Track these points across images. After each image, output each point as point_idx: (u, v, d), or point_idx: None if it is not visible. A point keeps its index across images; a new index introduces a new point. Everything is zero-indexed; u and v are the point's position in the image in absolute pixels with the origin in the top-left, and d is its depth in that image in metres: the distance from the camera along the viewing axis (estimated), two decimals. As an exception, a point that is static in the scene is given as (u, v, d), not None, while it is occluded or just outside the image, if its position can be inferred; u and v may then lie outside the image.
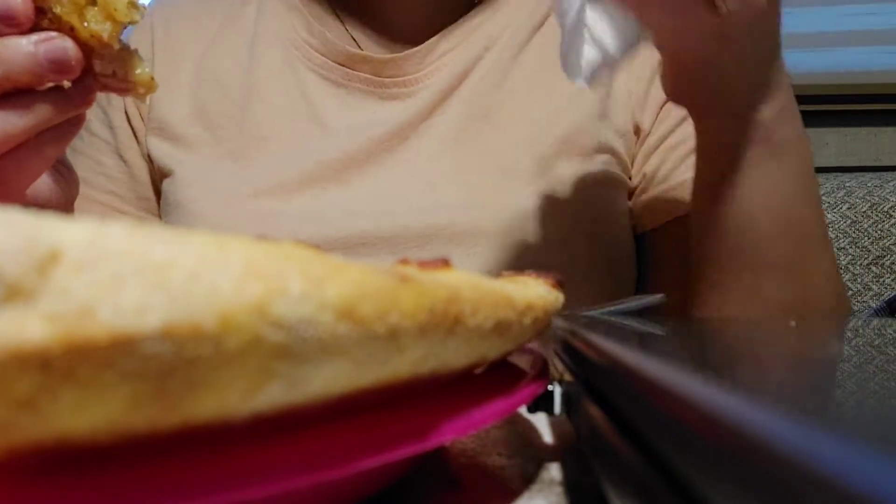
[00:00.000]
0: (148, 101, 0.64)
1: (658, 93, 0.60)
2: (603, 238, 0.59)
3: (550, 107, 0.60)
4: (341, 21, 0.64)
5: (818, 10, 1.38)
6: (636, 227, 0.63)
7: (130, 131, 0.65)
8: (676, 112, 0.60)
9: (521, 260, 0.56)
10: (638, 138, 0.61)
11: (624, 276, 0.62)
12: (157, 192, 0.64)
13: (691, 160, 0.59)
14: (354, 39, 0.63)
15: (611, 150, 0.60)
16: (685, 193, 0.58)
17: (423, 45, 0.61)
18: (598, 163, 0.59)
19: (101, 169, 0.64)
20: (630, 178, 0.62)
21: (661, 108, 0.61)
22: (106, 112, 0.66)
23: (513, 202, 0.57)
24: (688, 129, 0.59)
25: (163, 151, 0.62)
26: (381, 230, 0.56)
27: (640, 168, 0.62)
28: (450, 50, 0.62)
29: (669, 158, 0.60)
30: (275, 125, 0.61)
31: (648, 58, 0.61)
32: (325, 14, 0.64)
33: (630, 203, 0.63)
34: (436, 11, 0.62)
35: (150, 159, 0.63)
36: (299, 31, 0.63)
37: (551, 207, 0.57)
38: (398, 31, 0.62)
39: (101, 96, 0.67)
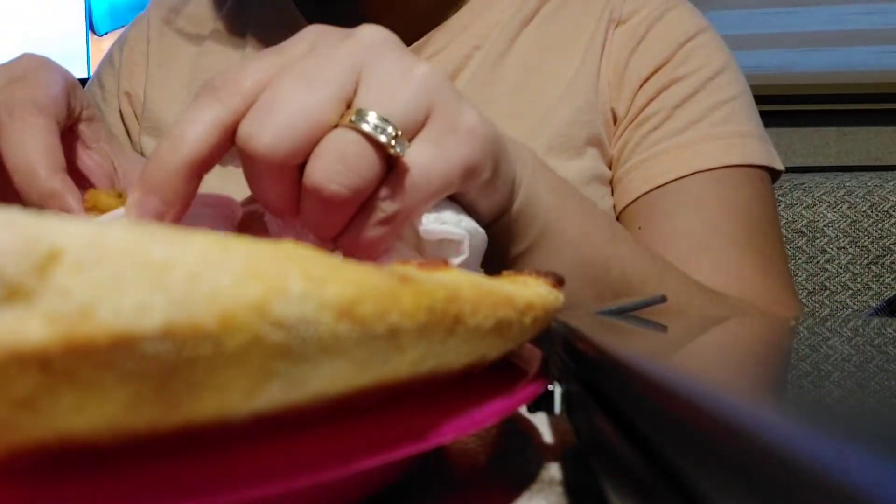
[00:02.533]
0: (143, 98, 0.64)
1: (631, 78, 0.59)
2: None
3: (541, 103, 0.59)
4: (332, 24, 0.63)
5: (818, 10, 1.38)
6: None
7: (124, 129, 0.65)
8: (647, 92, 0.59)
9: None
10: (615, 125, 0.60)
11: None
12: None
13: (655, 136, 0.57)
14: None
15: (599, 142, 0.59)
16: (643, 173, 0.57)
17: (410, 48, 0.60)
18: (588, 158, 0.58)
19: None
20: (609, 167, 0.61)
21: (635, 94, 0.59)
22: (100, 109, 0.66)
23: None
24: (655, 106, 0.58)
25: None
26: None
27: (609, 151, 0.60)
28: (439, 51, 0.61)
29: (633, 137, 0.59)
30: None
31: (623, 42, 0.60)
32: (314, 16, 0.64)
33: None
34: (423, 12, 0.62)
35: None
36: (291, 33, 0.63)
37: None
38: None
39: (95, 93, 0.67)
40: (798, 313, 0.58)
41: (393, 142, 0.28)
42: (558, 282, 0.24)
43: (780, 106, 1.37)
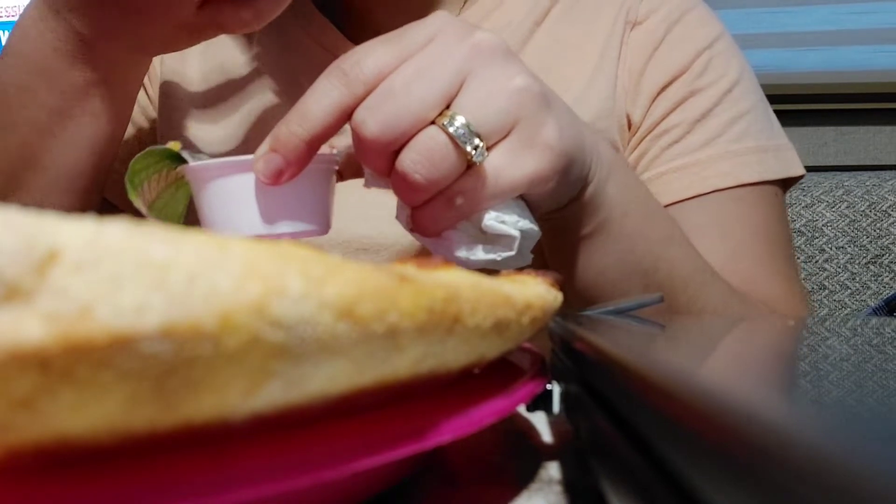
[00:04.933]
0: (159, 75, 0.64)
1: (649, 85, 0.58)
2: None
3: None
4: (339, 23, 0.63)
5: (818, 9, 1.38)
6: None
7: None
8: (666, 102, 0.58)
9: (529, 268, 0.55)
10: (629, 131, 0.59)
11: None
12: None
13: (674, 150, 0.57)
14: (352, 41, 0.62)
15: (614, 150, 0.59)
16: (661, 187, 0.56)
17: None
18: None
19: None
20: None
21: (652, 101, 0.58)
22: None
23: None
24: (675, 119, 0.57)
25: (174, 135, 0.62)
26: (384, 235, 0.55)
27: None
28: None
29: (651, 148, 0.58)
30: (275, 122, 0.60)
31: (640, 46, 0.59)
32: (321, 13, 0.63)
33: None
34: (431, 9, 0.61)
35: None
36: (301, 30, 0.63)
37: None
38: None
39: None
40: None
41: (474, 151, 0.33)
42: (556, 282, 0.24)
43: (778, 106, 1.36)
